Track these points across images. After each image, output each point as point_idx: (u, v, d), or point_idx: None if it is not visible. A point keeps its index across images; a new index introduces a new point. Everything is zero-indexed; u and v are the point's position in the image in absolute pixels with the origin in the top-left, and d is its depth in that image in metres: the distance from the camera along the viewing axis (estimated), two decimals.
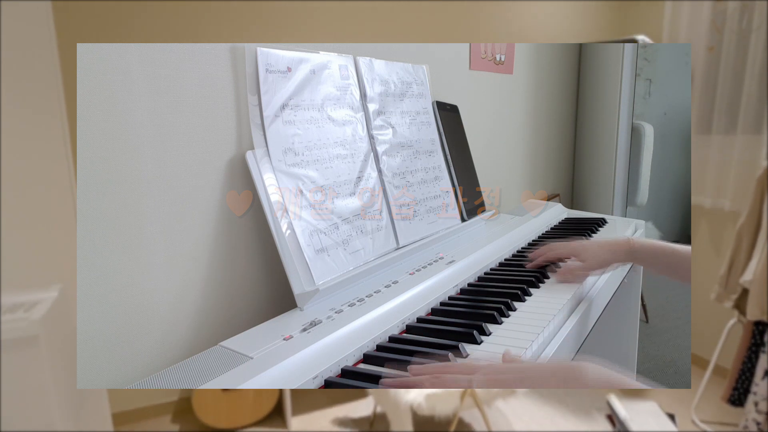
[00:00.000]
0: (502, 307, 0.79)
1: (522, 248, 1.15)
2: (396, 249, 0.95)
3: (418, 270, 0.92)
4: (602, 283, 1.00)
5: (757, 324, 1.08)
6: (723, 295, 1.11)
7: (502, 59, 1.62)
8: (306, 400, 1.78)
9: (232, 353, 0.64)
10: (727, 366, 1.28)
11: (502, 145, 1.70)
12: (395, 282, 0.86)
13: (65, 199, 0.64)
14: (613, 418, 1.43)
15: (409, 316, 0.77)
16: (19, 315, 0.65)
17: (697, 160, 1.14)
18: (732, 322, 1.17)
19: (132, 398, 1.60)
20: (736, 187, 1.14)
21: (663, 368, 1.86)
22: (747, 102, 1.05)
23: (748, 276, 1.00)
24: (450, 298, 0.86)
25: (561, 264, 1.02)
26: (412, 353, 0.67)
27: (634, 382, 0.54)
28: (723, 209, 1.20)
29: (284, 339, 0.66)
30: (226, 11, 0.84)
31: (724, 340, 1.26)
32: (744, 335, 1.11)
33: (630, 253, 0.94)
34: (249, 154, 0.77)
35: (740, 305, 1.09)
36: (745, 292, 1.05)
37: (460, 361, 0.64)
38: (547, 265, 1.00)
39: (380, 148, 0.98)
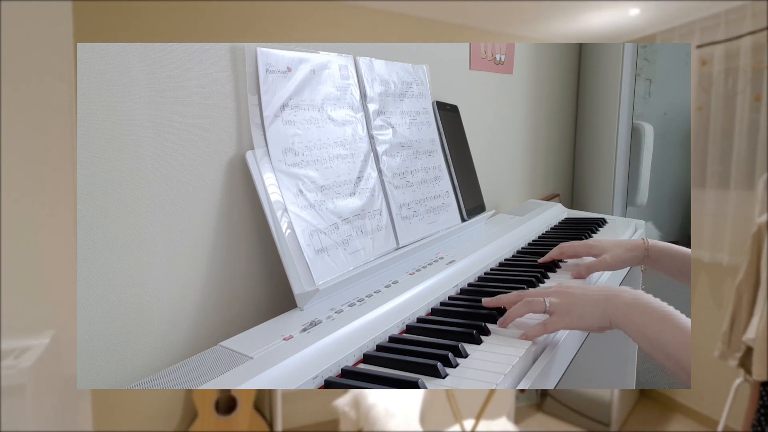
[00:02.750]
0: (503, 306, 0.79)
1: (522, 248, 1.15)
2: (396, 249, 0.95)
3: (418, 270, 0.92)
4: (605, 279, 1.00)
5: (765, 384, 1.05)
6: (727, 353, 1.08)
7: (502, 59, 1.62)
8: None
9: (232, 353, 0.64)
10: (737, 427, 1.23)
11: (502, 145, 1.70)
12: (395, 282, 0.86)
13: (65, 241, 0.63)
14: None
15: (409, 316, 0.77)
16: (8, 362, 0.62)
17: (694, 215, 1.14)
18: (738, 381, 1.13)
19: None
20: (733, 241, 1.15)
21: (663, 368, 1.85)
22: (738, 159, 1.08)
23: (750, 334, 0.98)
24: (450, 298, 0.86)
25: (565, 262, 1.03)
26: (412, 353, 0.67)
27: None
28: (722, 264, 1.20)
29: (284, 339, 0.66)
30: (226, 11, 0.84)
31: (732, 400, 1.21)
32: (751, 396, 1.06)
33: (646, 255, 0.95)
34: (249, 154, 0.77)
35: (745, 364, 1.06)
36: (749, 351, 1.03)
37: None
38: (555, 262, 1.02)
39: (380, 148, 0.98)
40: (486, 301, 0.79)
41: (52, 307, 0.63)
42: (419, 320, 0.78)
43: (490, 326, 0.75)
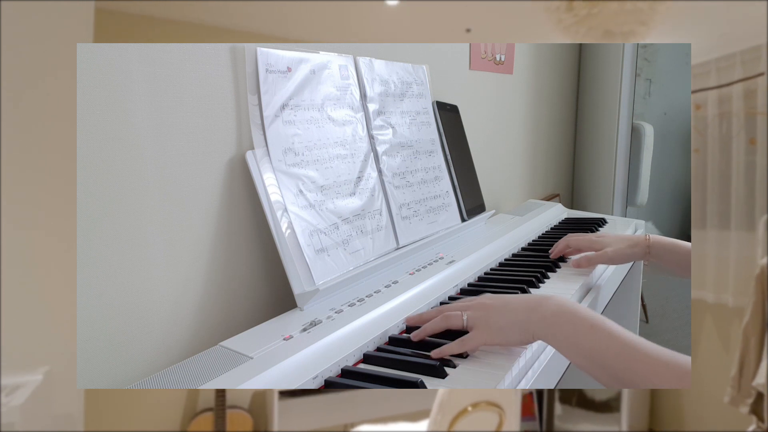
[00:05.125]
0: None
1: (522, 248, 1.15)
2: (396, 249, 0.95)
3: (418, 270, 0.92)
4: (604, 282, 1.00)
5: None
6: (737, 399, 1.05)
7: (502, 59, 1.62)
8: None
9: (232, 353, 0.64)
10: None
11: (502, 145, 1.70)
12: (395, 282, 0.86)
13: (61, 271, 0.61)
14: None
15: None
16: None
17: (696, 255, 1.14)
18: (752, 429, 1.09)
19: None
20: (737, 282, 1.14)
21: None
22: (736, 200, 1.09)
23: (760, 379, 0.96)
24: (450, 298, 0.86)
25: (569, 260, 1.04)
26: (412, 353, 0.67)
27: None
28: (727, 305, 1.20)
29: (284, 339, 0.66)
30: (225, 11, 0.83)
31: None
32: None
33: (647, 251, 0.96)
34: (249, 154, 0.77)
35: (757, 410, 1.02)
36: (760, 396, 1.01)
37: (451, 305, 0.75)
38: (555, 262, 1.03)
39: (380, 148, 0.98)
40: (409, 319, 0.75)
41: (47, 341, 0.61)
42: None
43: None
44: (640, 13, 0.78)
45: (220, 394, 0.83)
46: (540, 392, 1.23)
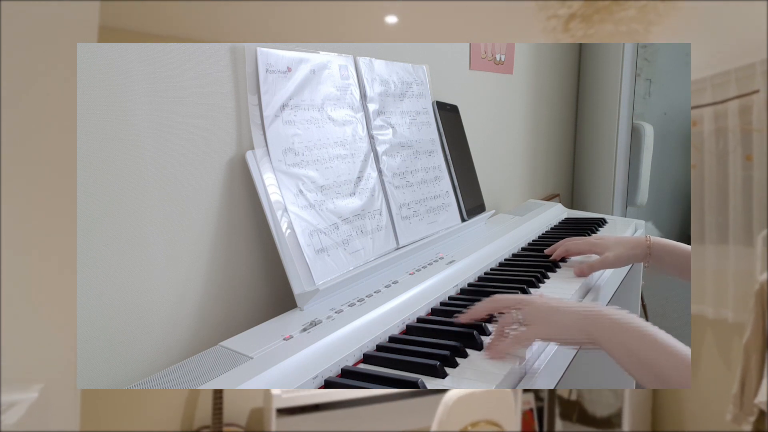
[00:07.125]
0: None
1: (522, 248, 1.15)
2: (396, 249, 0.95)
3: (418, 270, 0.92)
4: (604, 282, 1.00)
5: None
6: (740, 417, 1.04)
7: (502, 59, 1.62)
8: None
9: (232, 353, 0.64)
10: None
11: (502, 145, 1.70)
12: (395, 282, 0.86)
13: (60, 289, 0.60)
14: None
15: (409, 316, 0.77)
16: None
17: (695, 270, 1.15)
18: None
19: None
20: (736, 297, 1.15)
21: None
22: (734, 215, 1.09)
23: (762, 396, 0.96)
24: (450, 298, 0.86)
25: (574, 258, 1.04)
26: (412, 353, 0.67)
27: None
28: (727, 320, 1.20)
29: (284, 339, 0.66)
30: (226, 11, 0.83)
31: None
32: None
33: (648, 253, 0.96)
34: (249, 154, 0.77)
35: (759, 429, 1.01)
36: (762, 414, 1.00)
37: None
38: (556, 262, 1.03)
39: (380, 148, 0.98)
40: (463, 317, 0.74)
41: (43, 358, 0.61)
42: (419, 320, 0.78)
43: (490, 326, 0.75)
44: (636, 35, 0.78)
45: (217, 411, 0.83)
46: (540, 408, 1.23)
